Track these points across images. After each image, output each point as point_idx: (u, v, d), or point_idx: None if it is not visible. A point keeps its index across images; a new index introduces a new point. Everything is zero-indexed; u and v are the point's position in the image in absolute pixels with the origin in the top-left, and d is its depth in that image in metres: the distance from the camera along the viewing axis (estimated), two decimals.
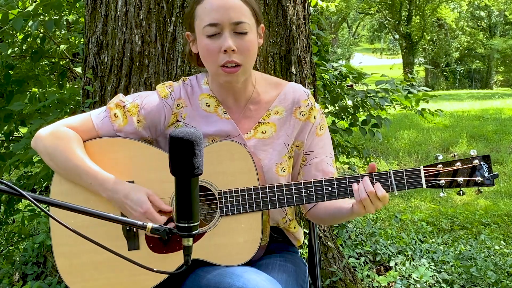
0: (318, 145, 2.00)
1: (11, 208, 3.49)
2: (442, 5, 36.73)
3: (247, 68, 1.84)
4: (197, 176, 1.25)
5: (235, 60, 1.77)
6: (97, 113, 1.90)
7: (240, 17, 1.77)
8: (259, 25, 1.88)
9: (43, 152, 1.85)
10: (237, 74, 1.81)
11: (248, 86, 1.94)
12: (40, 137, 1.85)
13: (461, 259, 4.05)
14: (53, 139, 1.83)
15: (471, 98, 19.70)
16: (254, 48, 1.83)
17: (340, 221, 2.16)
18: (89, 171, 1.79)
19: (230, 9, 1.76)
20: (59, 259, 1.85)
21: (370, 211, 1.74)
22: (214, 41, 1.77)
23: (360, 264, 3.80)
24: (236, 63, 1.78)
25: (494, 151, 8.62)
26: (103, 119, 1.88)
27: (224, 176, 1.82)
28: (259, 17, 1.87)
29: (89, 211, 1.31)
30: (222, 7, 1.76)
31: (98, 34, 2.80)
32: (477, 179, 1.77)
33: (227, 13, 1.75)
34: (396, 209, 5.81)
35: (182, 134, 1.22)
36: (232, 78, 1.83)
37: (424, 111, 4.36)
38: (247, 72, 1.86)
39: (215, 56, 1.79)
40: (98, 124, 1.87)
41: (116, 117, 1.88)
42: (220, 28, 1.76)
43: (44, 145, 1.84)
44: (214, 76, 1.90)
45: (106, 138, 1.89)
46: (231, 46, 1.75)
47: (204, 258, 1.80)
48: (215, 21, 1.76)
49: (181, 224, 1.28)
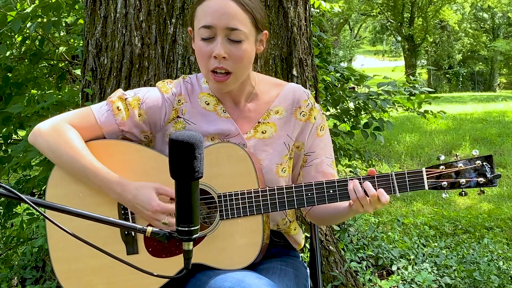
0: (318, 146, 1.98)
1: (9, 212, 3.47)
2: (444, 6, 36.71)
3: (238, 76, 1.82)
4: (197, 179, 1.23)
5: (225, 67, 1.76)
6: (98, 107, 1.87)
7: (236, 24, 1.74)
8: (261, 32, 1.85)
9: (45, 148, 1.81)
10: (226, 82, 1.79)
11: (246, 87, 1.92)
12: (40, 133, 1.81)
13: (464, 263, 4.03)
14: (55, 135, 1.79)
15: (474, 101, 19.67)
16: (248, 57, 1.80)
17: (339, 220, 2.13)
18: (98, 172, 1.77)
19: (227, 15, 1.73)
20: (56, 264, 1.83)
21: (368, 210, 1.72)
22: (207, 44, 1.76)
23: (362, 268, 3.78)
24: (226, 71, 1.76)
25: (497, 154, 8.59)
26: (106, 112, 1.85)
27: (223, 179, 1.80)
28: (261, 24, 1.83)
29: (88, 214, 1.29)
30: (219, 11, 1.74)
31: (98, 36, 2.78)
32: (480, 180, 1.75)
33: (223, 18, 1.73)
34: (398, 212, 5.78)
35: (183, 137, 1.21)
36: (221, 86, 1.81)
37: (426, 113, 4.34)
38: (238, 80, 1.84)
39: (206, 60, 1.77)
40: (100, 118, 1.84)
41: (119, 110, 1.85)
42: (213, 32, 1.74)
43: (45, 140, 1.80)
44: (207, 80, 1.89)
45: (102, 140, 1.86)
46: (221, 54, 1.73)
47: (204, 262, 1.78)
48: (209, 23, 1.74)
49: (181, 228, 1.26)
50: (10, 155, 3.27)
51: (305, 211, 2.06)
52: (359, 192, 1.72)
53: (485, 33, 41.33)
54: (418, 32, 38.01)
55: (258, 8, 1.83)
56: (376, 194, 1.69)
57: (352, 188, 1.73)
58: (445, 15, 37.07)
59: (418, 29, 38.10)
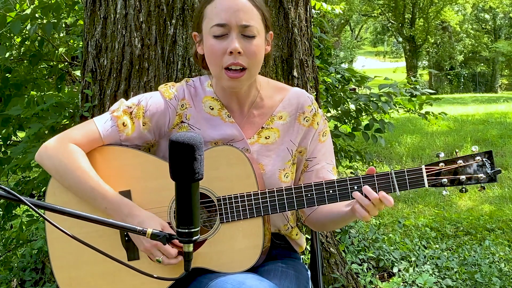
0: (320, 151, 1.97)
1: (9, 214, 3.46)
2: (446, 7, 36.71)
3: (252, 73, 1.81)
4: (197, 181, 1.23)
5: (240, 63, 1.75)
6: (102, 121, 1.84)
7: (249, 20, 1.74)
8: (268, 31, 1.85)
9: (51, 170, 1.80)
10: (241, 79, 1.78)
11: (252, 90, 1.92)
12: (46, 153, 1.80)
13: (466, 265, 4.02)
14: (60, 157, 1.77)
15: (476, 102, 19.66)
16: (261, 53, 1.80)
17: (340, 225, 2.12)
18: (106, 194, 1.75)
19: (240, 11, 1.73)
20: (57, 272, 1.82)
21: (374, 214, 1.70)
22: (220, 42, 1.75)
23: (363, 270, 3.77)
24: (242, 66, 1.75)
25: (498, 155, 8.57)
26: (110, 128, 1.83)
27: (222, 182, 1.79)
28: (269, 24, 1.84)
29: (87, 216, 1.29)
30: (232, 8, 1.73)
31: (97, 37, 2.77)
32: (480, 176, 1.73)
33: (237, 15, 1.73)
34: (399, 214, 5.77)
35: (182, 138, 1.20)
36: (235, 84, 1.80)
37: (428, 114, 4.33)
38: (252, 77, 1.83)
39: (219, 58, 1.76)
40: (104, 134, 1.82)
41: (124, 126, 1.83)
42: (227, 29, 1.74)
43: (51, 162, 1.79)
44: (217, 79, 1.86)
45: (100, 146, 1.85)
46: (237, 48, 1.72)
47: (205, 266, 1.78)
48: (223, 21, 1.73)
49: (181, 230, 1.25)
50: (10, 157, 3.27)
51: (304, 217, 2.03)
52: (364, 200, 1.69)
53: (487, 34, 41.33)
54: (419, 33, 38.00)
55: (265, 7, 1.84)
56: (378, 197, 1.67)
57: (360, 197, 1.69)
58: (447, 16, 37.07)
59: (420, 30, 38.10)
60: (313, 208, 1.96)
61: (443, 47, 40.29)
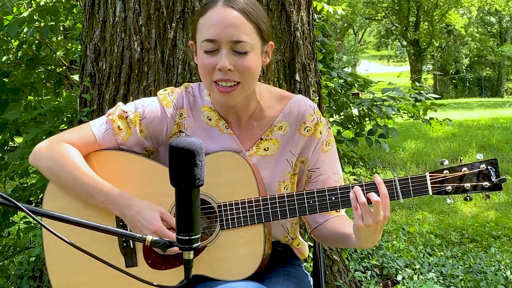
0: (324, 162, 1.91)
1: (6, 221, 3.46)
2: (451, 10, 36.67)
3: (246, 87, 1.75)
4: (198, 187, 1.22)
5: (231, 79, 1.69)
6: (97, 125, 1.83)
7: (240, 36, 1.67)
8: (266, 43, 1.78)
9: (45, 170, 1.80)
10: (233, 94, 1.72)
11: (251, 102, 1.86)
12: (40, 154, 1.80)
13: (471, 273, 4.00)
14: (54, 156, 1.77)
15: (481, 107, 19.60)
16: (254, 67, 1.73)
17: (345, 246, 2.07)
18: (102, 189, 1.74)
19: (231, 26, 1.67)
20: (54, 279, 1.81)
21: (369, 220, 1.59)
22: (211, 57, 1.70)
23: (367, 278, 3.76)
24: (234, 82, 1.70)
25: (504, 161, 8.53)
26: (106, 131, 1.82)
27: (223, 188, 1.78)
28: (266, 35, 1.76)
29: (86, 222, 1.28)
30: (222, 23, 1.67)
31: (96, 40, 2.76)
32: (485, 184, 1.72)
33: (227, 30, 1.66)
34: (403, 221, 5.74)
35: (183, 144, 1.19)
36: (227, 98, 1.74)
37: (432, 120, 4.29)
38: (246, 91, 1.77)
39: (209, 72, 1.71)
40: (99, 137, 1.81)
41: (119, 129, 1.82)
42: (217, 45, 1.68)
43: (45, 163, 1.79)
44: (210, 92, 1.84)
45: (100, 151, 1.84)
46: (226, 66, 1.67)
47: (205, 273, 1.76)
48: (212, 37, 1.67)
49: (181, 237, 1.24)
50: (7, 162, 3.26)
51: (310, 228, 1.99)
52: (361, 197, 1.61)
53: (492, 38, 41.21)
54: (424, 36, 37.99)
55: (263, 17, 1.76)
56: (379, 200, 1.60)
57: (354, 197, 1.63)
58: (452, 19, 36.99)
59: (424, 33, 38.09)
60: (318, 222, 1.91)
61: (448, 51, 40.25)
